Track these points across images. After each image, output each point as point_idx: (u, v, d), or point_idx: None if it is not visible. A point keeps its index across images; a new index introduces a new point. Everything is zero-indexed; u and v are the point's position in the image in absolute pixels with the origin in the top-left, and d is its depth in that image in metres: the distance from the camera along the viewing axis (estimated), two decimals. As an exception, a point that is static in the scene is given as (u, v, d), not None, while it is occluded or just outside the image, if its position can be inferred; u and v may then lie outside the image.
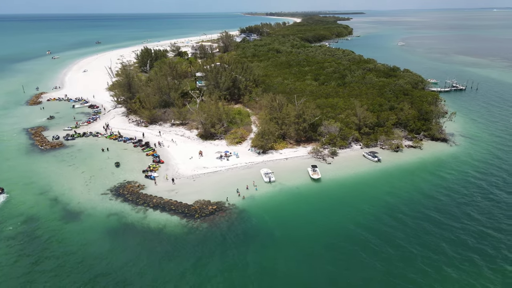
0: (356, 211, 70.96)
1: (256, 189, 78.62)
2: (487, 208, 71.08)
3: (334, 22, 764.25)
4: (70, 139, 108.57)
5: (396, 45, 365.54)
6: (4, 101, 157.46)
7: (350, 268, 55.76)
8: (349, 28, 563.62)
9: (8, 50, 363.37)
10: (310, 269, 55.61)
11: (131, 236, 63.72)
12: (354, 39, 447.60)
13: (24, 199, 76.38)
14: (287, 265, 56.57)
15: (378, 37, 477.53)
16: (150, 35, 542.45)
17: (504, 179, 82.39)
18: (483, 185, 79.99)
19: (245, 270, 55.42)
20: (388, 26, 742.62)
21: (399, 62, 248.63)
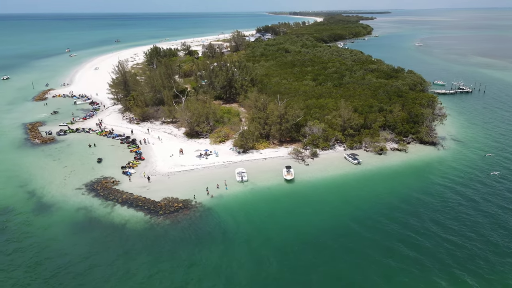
0: (322, 213, 70.04)
1: (226, 188, 78.92)
2: (456, 214, 68.68)
3: (356, 21, 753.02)
4: (62, 135, 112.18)
5: (413, 46, 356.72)
6: (13, 97, 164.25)
7: (298, 272, 55.24)
8: (368, 28, 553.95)
9: (32, 48, 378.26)
10: (259, 270, 55.38)
11: (93, 231, 65.33)
12: (372, 39, 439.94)
13: (3, 190, 79.69)
14: (239, 265, 56.36)
15: (397, 37, 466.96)
16: (169, 33, 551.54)
17: (484, 187, 79.16)
18: (461, 191, 77.12)
19: (195, 268, 55.75)
20: (411, 26, 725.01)
21: (410, 63, 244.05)
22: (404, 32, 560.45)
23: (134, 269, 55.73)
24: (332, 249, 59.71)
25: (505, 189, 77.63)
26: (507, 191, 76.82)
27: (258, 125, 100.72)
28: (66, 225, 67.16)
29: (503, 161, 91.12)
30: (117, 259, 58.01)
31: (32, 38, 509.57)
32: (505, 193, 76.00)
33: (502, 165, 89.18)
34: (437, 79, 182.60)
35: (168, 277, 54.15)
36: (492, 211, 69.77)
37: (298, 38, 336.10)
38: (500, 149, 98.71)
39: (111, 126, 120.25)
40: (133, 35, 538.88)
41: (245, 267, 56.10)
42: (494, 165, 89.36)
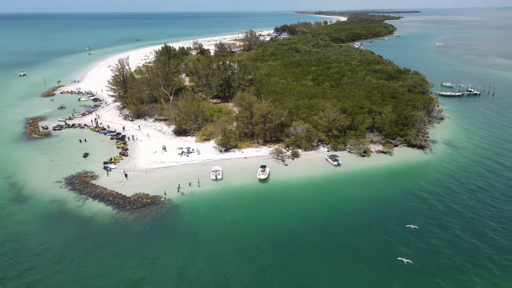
0: (289, 214, 69.68)
1: (199, 186, 79.80)
2: (425, 219, 66.75)
3: (380, 21, 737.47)
4: (58, 129, 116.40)
5: (433, 46, 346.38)
6: (24, 93, 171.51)
7: (252, 271, 54.96)
8: (390, 27, 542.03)
9: (55, 46, 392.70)
10: (212, 268, 55.51)
11: (62, 222, 67.67)
12: (392, 39, 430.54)
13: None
14: (194, 263, 56.78)
15: (419, 37, 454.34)
16: (190, 32, 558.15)
17: (460, 195, 76.34)
18: (438, 197, 74.79)
19: (149, 264, 56.52)
20: (437, 26, 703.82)
21: (424, 63, 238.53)
22: (427, 32, 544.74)
23: (89, 262, 57.33)
24: (294, 249, 59.40)
25: (479, 200, 74.46)
26: (480, 202, 73.75)
27: (241, 124, 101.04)
28: (37, 215, 69.92)
29: (488, 170, 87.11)
30: (75, 250, 59.83)
31: (57, 37, 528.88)
32: (477, 204, 72.77)
33: (485, 175, 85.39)
34: (445, 81, 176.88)
35: (121, 272, 55.12)
36: (461, 217, 67.37)
37: (314, 37, 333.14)
38: (490, 156, 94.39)
39: (107, 122, 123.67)
40: (154, 34, 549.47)
41: (199, 265, 56.40)
42: (478, 173, 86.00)
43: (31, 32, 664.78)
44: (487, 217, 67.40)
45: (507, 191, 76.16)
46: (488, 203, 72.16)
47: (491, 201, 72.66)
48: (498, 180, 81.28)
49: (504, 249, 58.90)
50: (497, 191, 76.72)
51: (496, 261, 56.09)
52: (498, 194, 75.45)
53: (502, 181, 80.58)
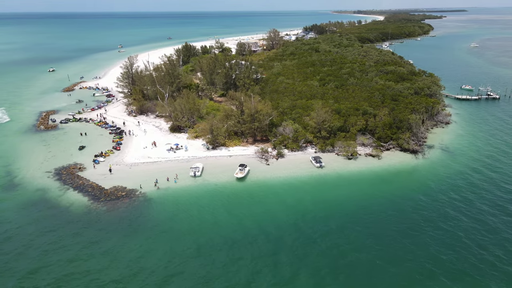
0: (259, 214, 69.51)
1: (175, 181, 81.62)
2: (401, 227, 64.60)
3: (419, 21, 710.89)
4: (64, 123, 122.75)
5: (467, 47, 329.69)
6: (47, 87, 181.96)
7: (215, 271, 55.36)
8: (426, 27, 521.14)
9: (90, 43, 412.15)
10: (173, 266, 56.29)
11: (40, 210, 71.60)
12: (426, 39, 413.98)
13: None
14: (152, 256, 58.18)
15: (456, 37, 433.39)
16: (223, 31, 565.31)
17: (443, 205, 72.93)
18: (419, 204, 71.85)
19: (109, 256, 58.35)
20: (481, 25, 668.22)
21: (450, 65, 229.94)
22: (467, 31, 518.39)
23: (52, 249, 60.36)
24: (249, 249, 59.71)
25: (459, 211, 70.89)
26: (459, 213, 70.17)
27: (231, 122, 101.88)
28: (19, 202, 74.39)
29: (478, 180, 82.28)
30: (42, 237, 63.22)
31: (94, 35, 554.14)
32: (461, 216, 69.30)
33: (473, 186, 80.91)
34: (465, 84, 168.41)
35: (80, 260, 57.28)
36: (437, 229, 64.48)
37: (340, 37, 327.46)
38: (485, 166, 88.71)
39: (112, 117, 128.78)
40: (187, 32, 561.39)
41: (155, 258, 57.62)
42: (465, 183, 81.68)
43: (71, 30, 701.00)
44: (460, 230, 64.06)
45: (489, 207, 70.87)
46: (466, 214, 68.33)
47: (470, 213, 68.72)
48: (483, 193, 75.94)
49: (476, 266, 55.98)
50: (480, 204, 72.37)
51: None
52: (480, 208, 71.28)
53: (487, 196, 74.98)
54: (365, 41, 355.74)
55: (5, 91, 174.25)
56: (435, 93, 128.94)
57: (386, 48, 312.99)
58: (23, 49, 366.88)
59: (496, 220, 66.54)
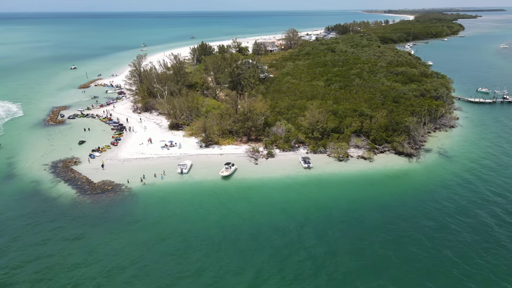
0: (237, 212, 70.05)
1: (162, 177, 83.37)
2: (378, 233, 63.44)
3: (450, 20, 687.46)
4: (71, 118, 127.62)
5: (495, 48, 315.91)
6: (65, 84, 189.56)
7: (183, 267, 56.21)
8: (455, 27, 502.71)
9: (116, 42, 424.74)
10: (139, 258, 57.74)
11: (30, 199, 75.08)
12: (453, 40, 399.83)
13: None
14: (128, 252, 59.34)
15: (486, 38, 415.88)
16: (246, 31, 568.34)
17: (427, 212, 70.75)
18: (402, 209, 70.15)
19: (85, 248, 60.20)
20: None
21: (472, 67, 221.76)
22: (500, 32, 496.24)
23: (29, 235, 63.47)
24: (225, 246, 60.41)
25: (441, 224, 68.56)
26: (441, 226, 67.89)
27: (224, 121, 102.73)
28: (11, 192, 78.18)
29: (469, 190, 78.92)
30: (24, 226, 66.35)
31: (121, 34, 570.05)
32: (433, 225, 67.20)
33: (463, 195, 77.97)
34: (481, 87, 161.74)
35: (54, 252, 59.75)
36: (416, 236, 62.85)
37: (361, 37, 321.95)
38: (480, 174, 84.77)
39: (118, 114, 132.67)
40: (210, 32, 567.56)
41: (130, 252, 59.10)
42: (456, 191, 78.82)
43: (102, 29, 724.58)
44: (432, 238, 62.12)
45: (476, 220, 67.56)
46: (449, 227, 65.51)
47: (454, 226, 65.99)
48: (463, 202, 72.71)
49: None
50: (465, 215, 69.46)
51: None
52: (466, 220, 68.71)
53: (476, 207, 71.57)
54: (387, 41, 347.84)
55: (27, 87, 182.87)
56: (442, 95, 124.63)
57: (408, 48, 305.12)
58: (53, 47, 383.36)
59: (471, 230, 64.02)
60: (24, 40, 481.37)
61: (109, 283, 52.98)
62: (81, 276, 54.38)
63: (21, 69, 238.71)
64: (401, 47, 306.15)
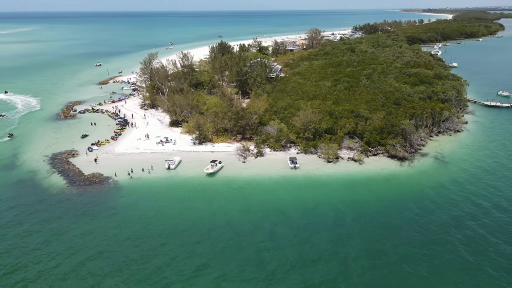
0: (215, 208, 71.05)
1: (149, 172, 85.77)
2: (347, 237, 62.59)
3: (492, 20, 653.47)
4: (82, 113, 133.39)
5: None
6: (86, 80, 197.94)
7: (145, 259, 57.71)
8: (494, 26, 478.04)
9: (146, 40, 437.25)
10: (114, 249, 59.77)
11: (24, 188, 79.65)
12: (489, 40, 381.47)
13: (6, 146, 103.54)
14: (93, 238, 62.42)
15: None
16: (274, 30, 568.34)
17: (405, 220, 68.66)
18: (382, 214, 68.61)
19: (65, 236, 62.87)
20: None
21: (501, 69, 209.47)
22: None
23: (7, 221, 67.41)
24: (195, 242, 61.46)
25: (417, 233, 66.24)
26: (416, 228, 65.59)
27: (218, 119, 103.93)
28: (8, 181, 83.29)
29: (459, 198, 75.77)
30: (10, 213, 70.57)
31: (154, 32, 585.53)
32: (412, 230, 65.00)
33: (451, 204, 74.72)
34: (502, 90, 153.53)
35: (27, 234, 63.76)
36: (382, 243, 61.42)
37: (388, 37, 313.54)
38: (474, 182, 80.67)
39: (127, 110, 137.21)
40: (237, 31, 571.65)
41: (103, 244, 61.25)
42: (443, 200, 75.78)
43: (136, 27, 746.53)
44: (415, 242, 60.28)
45: (448, 225, 64.94)
46: (420, 235, 63.17)
47: (423, 236, 63.34)
48: (449, 207, 69.88)
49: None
50: (439, 217, 67.04)
51: None
52: (440, 222, 66.14)
53: (450, 211, 68.97)
54: (416, 41, 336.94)
55: (50, 82, 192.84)
56: (450, 98, 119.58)
57: (437, 49, 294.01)
58: (86, 44, 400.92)
59: (452, 240, 61.47)
60: (61, 38, 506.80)
61: (68, 264, 56.29)
62: (44, 255, 58.28)
63: (50, 65, 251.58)
64: (429, 48, 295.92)
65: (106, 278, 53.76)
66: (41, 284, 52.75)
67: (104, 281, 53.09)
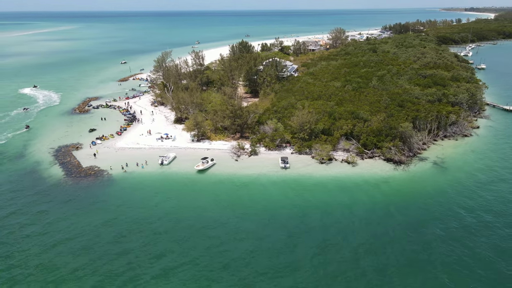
0: (198, 204, 72.20)
1: (143, 167, 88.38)
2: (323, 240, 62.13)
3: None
4: (95, 108, 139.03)
5: None
6: (107, 77, 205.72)
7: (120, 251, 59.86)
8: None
9: (177, 39, 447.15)
10: (96, 238, 62.30)
11: (22, 177, 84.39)
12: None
13: (21, 137, 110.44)
14: (77, 227, 65.35)
15: None
16: (302, 30, 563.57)
17: (389, 224, 66.94)
18: (358, 219, 67.52)
19: (53, 225, 66.07)
20: None
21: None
22: None
23: (8, 207, 71.93)
24: (176, 237, 63.28)
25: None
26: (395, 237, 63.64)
27: (216, 117, 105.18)
28: (13, 170, 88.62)
29: (446, 208, 72.71)
30: (7, 200, 75.22)
31: (186, 31, 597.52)
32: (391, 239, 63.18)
33: (437, 208, 71.76)
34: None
35: (16, 222, 67.57)
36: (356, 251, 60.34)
37: (417, 37, 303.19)
38: (469, 193, 77.15)
39: (139, 106, 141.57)
40: (267, 30, 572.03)
41: (78, 229, 64.70)
42: (430, 210, 72.98)
43: (172, 26, 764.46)
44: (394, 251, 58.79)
45: (432, 236, 62.72)
46: (395, 243, 61.69)
47: (398, 245, 61.83)
48: (437, 215, 67.33)
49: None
50: (424, 227, 64.69)
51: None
52: (421, 232, 63.85)
53: (434, 220, 66.36)
54: (448, 41, 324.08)
55: (75, 78, 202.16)
56: (460, 101, 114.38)
57: (468, 50, 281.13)
58: (118, 42, 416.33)
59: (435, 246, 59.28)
60: (98, 36, 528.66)
61: (39, 244, 60.52)
62: (30, 241, 61.58)
63: (80, 62, 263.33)
64: (461, 49, 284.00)
65: (75, 258, 57.28)
66: (8, 262, 56.59)
67: (72, 262, 56.44)
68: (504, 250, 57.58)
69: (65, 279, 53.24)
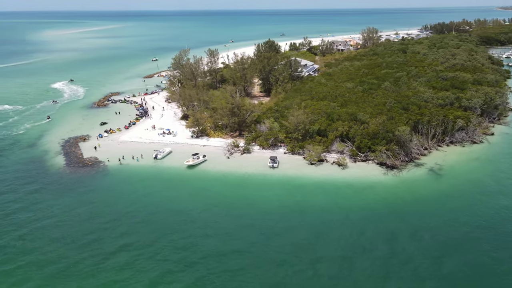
0: (178, 198, 74.44)
1: (138, 160, 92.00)
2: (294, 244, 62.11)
3: None
4: (113, 103, 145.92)
5: None
6: (135, 74, 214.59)
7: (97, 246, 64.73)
8: None
9: (213, 37, 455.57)
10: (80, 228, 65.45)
11: (27, 165, 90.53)
12: None
13: (40, 127, 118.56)
14: (61, 213, 69.70)
15: None
16: (339, 29, 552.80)
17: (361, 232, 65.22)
18: (335, 223, 66.62)
19: (46, 211, 70.37)
20: None
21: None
22: None
23: (4, 187, 78.10)
24: (152, 230, 65.77)
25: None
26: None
27: (216, 115, 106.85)
28: (22, 158, 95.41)
29: (436, 217, 69.19)
30: (9, 186, 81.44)
31: (226, 30, 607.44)
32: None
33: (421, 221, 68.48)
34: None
35: (8, 205, 73.15)
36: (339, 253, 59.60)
37: (457, 37, 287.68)
38: (463, 204, 73.02)
39: (154, 102, 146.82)
40: (304, 29, 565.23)
41: (64, 214, 69.17)
42: (419, 218, 69.94)
43: (217, 25, 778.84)
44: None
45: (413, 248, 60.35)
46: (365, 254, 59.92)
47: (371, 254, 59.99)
48: (418, 229, 64.13)
49: None
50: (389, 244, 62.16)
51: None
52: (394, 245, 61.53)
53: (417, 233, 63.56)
54: (492, 42, 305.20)
55: (105, 74, 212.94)
56: (474, 105, 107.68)
57: (510, 52, 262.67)
58: (158, 40, 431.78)
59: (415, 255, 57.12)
60: (142, 34, 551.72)
61: (25, 227, 64.99)
62: (17, 223, 66.58)
63: (115, 59, 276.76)
64: (505, 50, 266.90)
65: (51, 242, 61.15)
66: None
67: (48, 245, 60.33)
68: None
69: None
